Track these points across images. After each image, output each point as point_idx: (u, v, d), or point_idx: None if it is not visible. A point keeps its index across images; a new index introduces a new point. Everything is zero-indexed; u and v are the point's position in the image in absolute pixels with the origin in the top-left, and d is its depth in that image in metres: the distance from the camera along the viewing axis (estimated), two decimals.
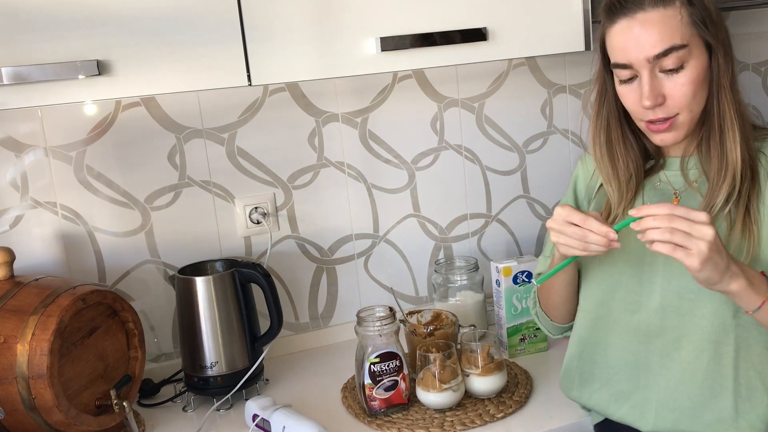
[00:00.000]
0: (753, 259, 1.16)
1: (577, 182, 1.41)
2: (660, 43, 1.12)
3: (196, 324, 1.52)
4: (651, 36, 1.12)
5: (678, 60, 1.13)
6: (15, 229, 1.57)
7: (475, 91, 1.87)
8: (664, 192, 1.26)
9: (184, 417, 1.52)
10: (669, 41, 1.12)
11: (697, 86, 1.15)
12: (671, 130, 1.18)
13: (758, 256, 1.17)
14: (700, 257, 1.02)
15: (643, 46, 1.13)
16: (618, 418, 1.29)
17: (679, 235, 1.02)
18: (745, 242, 1.16)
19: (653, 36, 1.12)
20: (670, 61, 1.13)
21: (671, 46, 1.12)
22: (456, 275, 1.80)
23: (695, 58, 1.14)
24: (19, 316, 1.30)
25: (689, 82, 1.14)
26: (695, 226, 1.02)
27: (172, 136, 1.65)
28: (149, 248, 1.67)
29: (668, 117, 1.16)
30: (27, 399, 1.27)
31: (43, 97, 1.23)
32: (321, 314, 1.84)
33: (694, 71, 1.14)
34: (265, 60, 1.33)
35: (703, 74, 1.15)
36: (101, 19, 1.23)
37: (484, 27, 1.45)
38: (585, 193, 1.38)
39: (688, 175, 1.24)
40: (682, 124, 1.17)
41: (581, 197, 1.40)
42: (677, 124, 1.17)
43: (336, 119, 1.76)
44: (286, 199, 1.76)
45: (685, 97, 1.15)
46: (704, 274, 1.04)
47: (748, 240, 1.16)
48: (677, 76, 1.14)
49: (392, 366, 1.42)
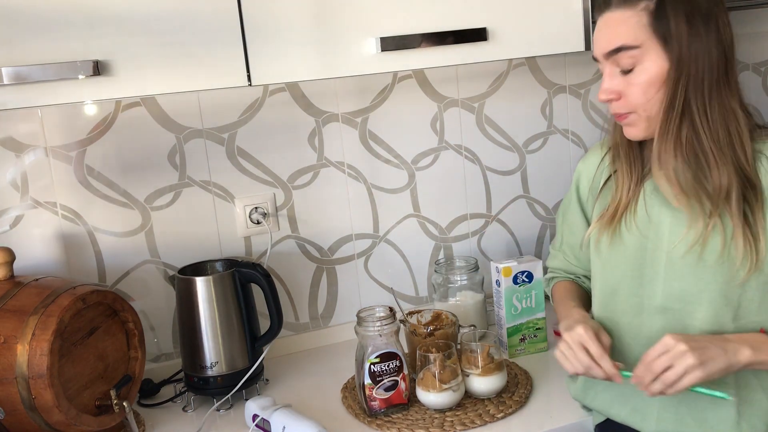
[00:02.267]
0: (757, 269, 1.16)
1: (579, 181, 1.41)
2: (613, 40, 1.17)
3: (196, 324, 1.52)
4: (607, 34, 1.18)
5: (630, 60, 1.16)
6: (15, 229, 1.57)
7: (475, 91, 1.87)
8: (660, 196, 1.25)
9: (184, 417, 1.52)
10: (620, 40, 1.16)
11: (648, 89, 1.16)
12: (631, 126, 1.22)
13: (763, 267, 1.16)
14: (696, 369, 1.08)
15: (601, 43, 1.19)
16: (621, 419, 1.30)
17: (668, 373, 1.10)
18: (748, 253, 1.15)
19: (609, 34, 1.18)
20: (623, 60, 1.16)
21: (621, 45, 1.16)
22: (456, 275, 1.80)
23: (650, 62, 1.15)
24: (19, 316, 1.30)
25: (640, 83, 1.16)
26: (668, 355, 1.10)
27: (172, 136, 1.65)
28: (149, 248, 1.67)
29: (624, 113, 1.21)
30: (27, 399, 1.27)
31: (43, 97, 1.22)
32: (321, 314, 1.84)
33: (645, 74, 1.16)
34: (265, 60, 1.33)
35: (655, 78, 1.15)
36: (101, 19, 1.23)
37: (485, 27, 1.45)
38: (589, 192, 1.38)
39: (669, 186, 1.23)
40: (637, 121, 1.20)
41: (584, 196, 1.39)
42: (633, 121, 1.20)
43: (336, 119, 1.76)
44: (286, 199, 1.76)
45: (636, 97, 1.18)
46: (713, 370, 1.09)
47: (751, 251, 1.15)
48: (630, 75, 1.17)
49: (392, 366, 1.42)
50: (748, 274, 1.15)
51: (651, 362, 1.11)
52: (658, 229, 1.23)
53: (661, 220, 1.23)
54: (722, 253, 1.16)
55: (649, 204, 1.25)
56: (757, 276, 1.16)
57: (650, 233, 1.24)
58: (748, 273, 1.15)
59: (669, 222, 1.22)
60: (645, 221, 1.24)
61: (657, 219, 1.23)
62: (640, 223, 1.25)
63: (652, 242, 1.23)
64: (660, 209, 1.23)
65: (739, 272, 1.16)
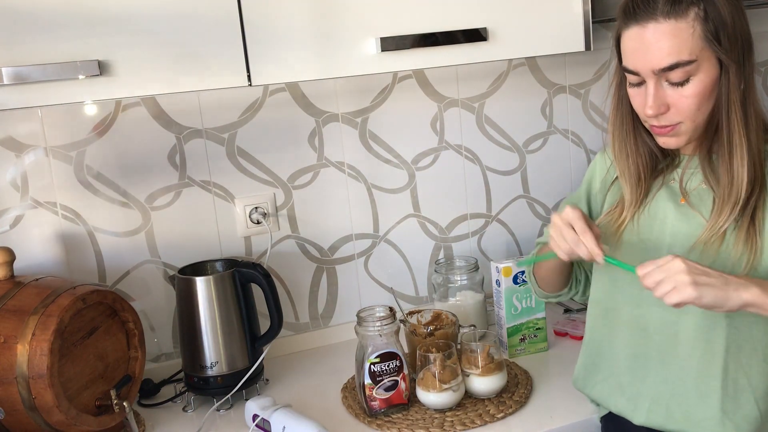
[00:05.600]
0: (753, 268, 1.16)
1: (594, 175, 1.40)
2: (667, 57, 1.10)
3: (196, 324, 1.52)
4: (659, 49, 1.11)
5: (685, 74, 1.11)
6: (15, 229, 1.57)
7: (475, 91, 1.87)
8: (674, 191, 1.26)
9: (184, 417, 1.52)
10: (676, 56, 1.10)
11: (702, 99, 1.13)
12: (673, 136, 1.18)
13: (758, 267, 1.16)
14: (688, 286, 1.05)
15: (650, 58, 1.12)
16: (617, 410, 1.31)
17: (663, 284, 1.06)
18: (746, 252, 1.16)
19: (662, 50, 1.11)
20: (676, 75, 1.11)
21: (678, 61, 1.10)
22: (456, 275, 1.80)
23: (703, 72, 1.12)
24: (19, 316, 1.30)
25: (694, 95, 1.13)
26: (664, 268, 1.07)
27: (172, 136, 1.65)
28: (149, 248, 1.67)
29: (670, 125, 1.17)
30: (27, 399, 1.27)
31: (43, 97, 1.23)
32: (321, 314, 1.84)
33: (700, 85, 1.12)
34: (265, 60, 1.33)
35: (710, 88, 1.13)
36: (101, 19, 1.23)
37: (484, 27, 1.45)
38: (600, 187, 1.38)
39: (697, 175, 1.24)
40: (684, 131, 1.17)
41: (595, 191, 1.39)
42: (679, 132, 1.17)
43: (336, 119, 1.76)
44: (286, 199, 1.76)
45: (689, 109, 1.14)
46: (708, 299, 1.05)
47: (750, 250, 1.15)
48: (683, 88, 1.13)
49: (392, 366, 1.42)
50: (744, 270, 1.15)
51: (646, 273, 1.09)
52: (663, 225, 1.24)
53: (666, 216, 1.23)
54: (722, 249, 1.17)
55: (659, 201, 1.25)
56: (752, 274, 1.16)
57: (654, 229, 1.25)
58: (744, 270, 1.15)
59: (672, 219, 1.23)
60: (648, 218, 1.26)
61: (662, 215, 1.24)
62: (643, 220, 1.26)
63: (656, 237, 1.24)
64: (665, 205, 1.24)
65: (734, 269, 1.16)
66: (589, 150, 2.00)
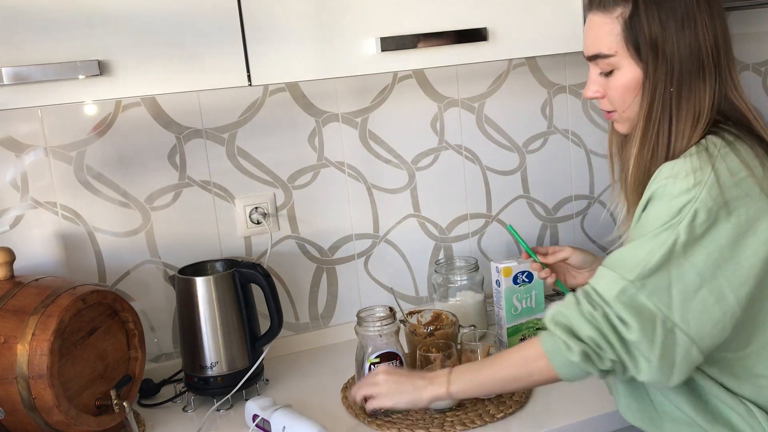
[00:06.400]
0: None
1: None
2: (591, 47, 1.19)
3: (196, 324, 1.52)
4: (587, 38, 1.20)
5: (607, 65, 1.17)
6: (15, 229, 1.57)
7: (475, 91, 1.87)
8: None
9: (184, 417, 1.52)
10: (597, 47, 1.17)
11: (624, 93, 1.17)
12: (617, 122, 1.24)
13: None
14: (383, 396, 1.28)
15: (584, 46, 1.21)
16: None
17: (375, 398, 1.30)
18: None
19: (588, 39, 1.20)
20: (601, 65, 1.18)
21: (598, 53, 1.17)
22: (456, 275, 1.80)
23: (625, 69, 1.16)
24: (19, 316, 1.30)
25: (616, 87, 1.18)
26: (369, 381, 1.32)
27: (172, 136, 1.65)
28: (149, 248, 1.67)
29: (608, 111, 1.23)
30: (27, 399, 1.27)
31: (43, 97, 1.22)
32: (321, 314, 1.84)
33: (623, 79, 1.16)
34: (265, 60, 1.33)
35: (633, 83, 1.15)
36: (101, 19, 1.23)
37: (485, 27, 1.45)
38: None
39: None
40: (620, 120, 1.22)
41: None
42: (618, 119, 1.23)
43: (336, 119, 1.76)
44: (286, 199, 1.76)
45: (616, 99, 1.19)
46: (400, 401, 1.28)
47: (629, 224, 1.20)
48: (608, 79, 1.19)
49: (392, 366, 1.42)
50: None
51: (357, 387, 1.33)
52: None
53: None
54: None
55: None
56: None
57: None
58: None
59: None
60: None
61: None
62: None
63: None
64: None
65: None
66: (590, 150, 2.00)
